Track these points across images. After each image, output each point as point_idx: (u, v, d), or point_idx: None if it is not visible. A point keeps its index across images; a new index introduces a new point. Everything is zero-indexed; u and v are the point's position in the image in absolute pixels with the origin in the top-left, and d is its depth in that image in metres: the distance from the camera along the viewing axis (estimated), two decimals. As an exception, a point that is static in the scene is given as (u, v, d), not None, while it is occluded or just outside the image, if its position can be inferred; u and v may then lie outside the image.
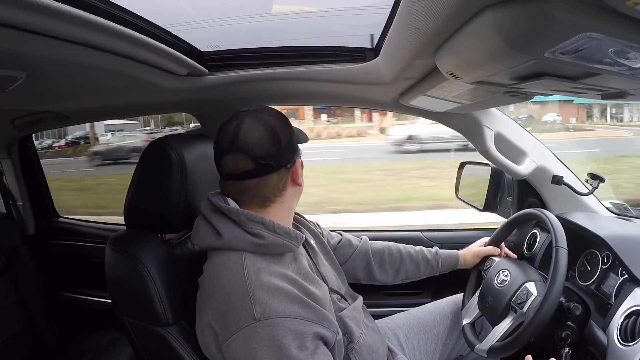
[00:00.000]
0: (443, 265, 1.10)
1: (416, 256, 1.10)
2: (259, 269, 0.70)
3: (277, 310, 0.65)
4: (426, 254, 1.10)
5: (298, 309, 0.67)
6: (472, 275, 1.11)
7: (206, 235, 0.75)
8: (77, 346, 1.46)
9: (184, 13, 0.86)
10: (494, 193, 1.32)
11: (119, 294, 0.83)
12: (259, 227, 0.73)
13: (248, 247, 0.72)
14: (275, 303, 0.66)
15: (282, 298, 0.67)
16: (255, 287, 0.67)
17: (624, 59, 0.43)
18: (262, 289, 0.67)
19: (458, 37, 0.52)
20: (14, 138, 1.58)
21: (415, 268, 1.09)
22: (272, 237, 0.73)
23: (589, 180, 1.16)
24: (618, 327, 0.79)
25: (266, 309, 0.65)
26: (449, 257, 1.11)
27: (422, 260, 1.10)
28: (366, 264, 1.08)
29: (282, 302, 0.67)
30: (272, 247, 0.73)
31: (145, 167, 0.87)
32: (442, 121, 1.26)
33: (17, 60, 0.67)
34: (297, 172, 0.79)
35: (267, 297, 0.66)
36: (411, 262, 1.09)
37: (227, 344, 0.67)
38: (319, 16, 0.96)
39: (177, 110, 1.53)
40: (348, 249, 1.08)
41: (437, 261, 1.10)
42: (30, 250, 1.53)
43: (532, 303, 0.85)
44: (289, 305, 0.67)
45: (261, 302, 0.66)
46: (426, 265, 1.09)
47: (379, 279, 1.10)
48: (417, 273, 1.10)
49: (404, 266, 1.09)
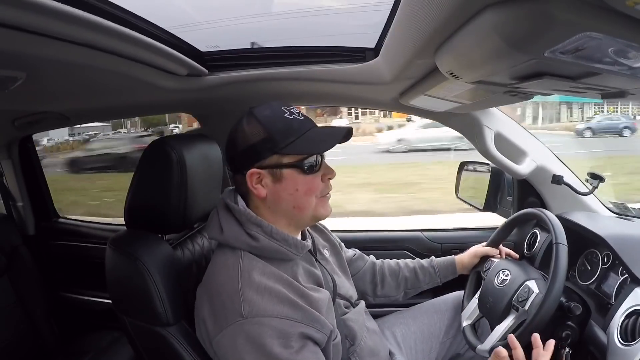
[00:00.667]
0: (441, 271, 1.10)
1: (412, 265, 1.11)
2: (253, 268, 0.71)
3: (265, 309, 0.67)
4: (422, 262, 1.12)
5: (287, 310, 0.68)
6: (471, 277, 1.11)
7: (213, 228, 0.78)
8: (77, 346, 1.46)
9: (184, 13, 0.86)
10: (494, 193, 1.32)
11: (119, 294, 0.83)
12: (256, 230, 0.74)
13: (244, 247, 0.73)
14: (263, 303, 0.67)
15: (272, 298, 0.68)
16: (245, 285, 0.68)
17: (624, 59, 0.43)
18: (252, 288, 0.68)
19: (458, 37, 0.52)
20: (14, 138, 1.58)
21: (414, 276, 1.10)
22: (267, 241, 0.73)
23: (589, 179, 1.16)
24: (618, 327, 0.79)
25: (254, 308, 0.66)
26: (445, 263, 1.11)
27: (419, 268, 1.10)
28: (372, 276, 1.10)
29: (271, 302, 0.67)
30: (265, 251, 0.74)
31: (146, 168, 0.87)
32: (442, 121, 1.26)
33: (17, 60, 0.67)
34: (252, 182, 0.75)
35: (256, 296, 0.67)
36: (409, 271, 1.10)
37: (217, 339, 0.68)
38: (319, 16, 0.96)
39: (177, 110, 1.53)
40: (361, 262, 1.11)
41: (433, 267, 1.10)
42: (31, 251, 1.53)
43: (533, 300, 0.85)
44: (277, 306, 0.68)
45: (250, 300, 0.67)
46: (424, 273, 1.10)
47: (381, 292, 1.10)
48: (417, 282, 1.10)
49: (402, 274, 1.10)
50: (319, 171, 0.77)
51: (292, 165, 0.74)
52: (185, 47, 0.95)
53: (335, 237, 1.03)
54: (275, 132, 0.73)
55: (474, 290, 1.08)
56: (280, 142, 0.73)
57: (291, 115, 0.76)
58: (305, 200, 0.76)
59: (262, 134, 0.73)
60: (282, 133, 0.73)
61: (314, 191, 0.76)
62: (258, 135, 0.73)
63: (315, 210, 0.78)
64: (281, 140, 0.73)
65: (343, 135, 0.76)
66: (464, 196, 1.41)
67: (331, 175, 0.79)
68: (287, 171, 0.74)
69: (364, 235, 1.50)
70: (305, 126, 0.76)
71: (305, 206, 0.77)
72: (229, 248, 0.75)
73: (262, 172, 0.74)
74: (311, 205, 0.77)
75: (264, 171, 0.74)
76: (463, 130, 1.23)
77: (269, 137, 0.73)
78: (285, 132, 0.74)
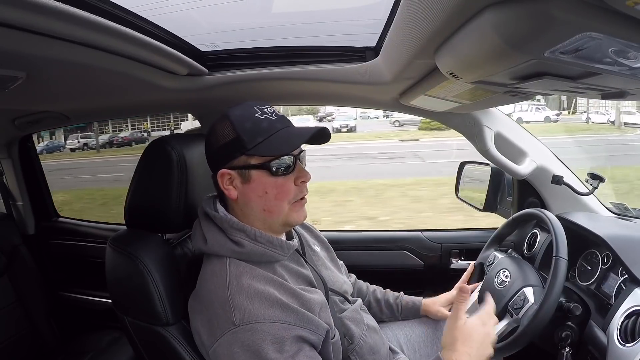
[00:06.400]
0: (404, 311, 1.08)
1: (380, 296, 1.10)
2: (242, 272, 0.71)
3: (257, 315, 0.66)
4: (389, 297, 1.10)
5: (279, 313, 0.67)
6: (476, 269, 1.11)
7: (197, 239, 0.78)
8: (77, 346, 1.46)
9: (184, 13, 0.86)
10: (494, 193, 1.32)
11: (119, 294, 0.83)
12: (240, 235, 0.74)
13: (230, 254, 0.73)
14: (254, 308, 0.66)
15: (262, 302, 0.67)
16: (234, 292, 0.68)
17: (624, 59, 0.43)
18: (241, 294, 0.68)
19: (458, 37, 0.52)
20: (14, 138, 1.58)
21: (376, 306, 1.09)
22: (252, 245, 0.73)
23: (589, 180, 1.16)
24: (618, 327, 0.79)
25: (245, 315, 0.66)
26: (409, 304, 1.09)
27: (384, 301, 1.09)
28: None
29: (262, 307, 0.67)
30: (252, 255, 0.73)
31: (146, 167, 0.87)
32: (442, 121, 1.26)
33: (17, 60, 0.67)
34: (223, 182, 0.74)
35: (246, 302, 0.67)
36: (374, 299, 1.09)
37: (212, 349, 0.68)
38: (319, 16, 0.96)
39: (177, 110, 1.53)
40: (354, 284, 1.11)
41: (397, 305, 1.08)
42: (31, 250, 1.53)
43: (527, 310, 0.84)
44: (269, 310, 0.67)
45: (240, 307, 0.66)
46: (387, 307, 1.08)
47: None
48: (379, 312, 1.09)
49: (368, 298, 1.09)
50: (291, 173, 0.75)
51: (260, 166, 0.72)
52: (185, 46, 0.95)
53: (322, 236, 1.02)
54: (244, 132, 0.72)
55: (476, 282, 1.08)
56: (249, 143, 0.71)
57: (262, 115, 0.74)
58: (275, 204, 0.74)
59: (231, 135, 0.72)
60: (250, 133, 0.72)
61: (285, 195, 0.74)
62: (228, 136, 0.72)
63: (287, 216, 0.76)
64: (249, 141, 0.71)
65: (311, 135, 0.73)
66: (464, 196, 1.41)
67: (305, 178, 0.76)
68: (255, 172, 0.73)
69: (364, 235, 1.50)
70: (275, 126, 0.74)
71: (275, 210, 0.75)
72: (215, 256, 0.75)
73: (232, 173, 0.74)
74: (282, 210, 0.75)
75: (234, 172, 0.73)
76: (463, 130, 1.23)
77: (237, 137, 0.72)
78: (253, 132, 0.72)
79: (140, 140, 13.06)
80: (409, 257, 1.41)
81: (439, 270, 1.40)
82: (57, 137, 13.27)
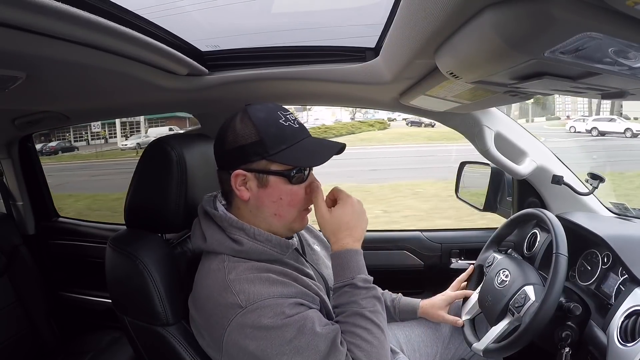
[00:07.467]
0: (401, 313, 1.08)
1: None
2: (239, 265, 0.72)
3: (261, 293, 0.67)
4: (386, 298, 1.09)
5: (281, 289, 0.69)
6: (475, 270, 1.11)
7: (197, 238, 0.78)
8: (77, 346, 1.46)
9: (184, 13, 0.86)
10: (494, 193, 1.32)
11: (119, 294, 0.83)
12: (239, 234, 0.74)
13: (228, 252, 0.74)
14: (257, 289, 0.68)
15: (263, 283, 0.69)
16: (234, 280, 0.69)
17: (624, 59, 0.43)
18: (241, 280, 0.69)
19: (458, 37, 0.52)
20: (14, 138, 1.58)
21: None
22: (251, 243, 0.74)
23: (589, 180, 1.16)
24: (618, 327, 0.79)
25: (250, 295, 0.67)
26: (407, 307, 1.08)
27: None
28: None
29: (264, 286, 0.69)
30: (251, 253, 0.74)
31: (145, 167, 0.87)
32: (442, 121, 1.26)
33: (17, 60, 0.67)
34: (236, 182, 0.73)
35: (247, 285, 0.68)
36: None
37: (224, 339, 0.68)
38: (319, 16, 0.96)
39: (177, 110, 1.53)
40: None
41: (395, 307, 1.08)
42: (31, 250, 1.53)
43: (528, 308, 0.84)
44: (271, 288, 0.69)
45: (243, 291, 0.68)
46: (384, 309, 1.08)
47: None
48: None
49: None
50: (305, 182, 0.76)
51: (280, 174, 0.73)
52: (185, 46, 0.95)
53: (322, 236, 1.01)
54: (268, 138, 0.71)
55: (476, 284, 1.08)
56: (271, 149, 0.71)
57: (286, 121, 0.74)
58: (287, 210, 0.75)
59: (253, 137, 0.72)
60: (274, 139, 0.72)
61: (298, 203, 0.76)
62: (250, 138, 0.72)
63: (293, 222, 0.77)
64: (272, 147, 0.72)
65: (337, 151, 0.75)
66: (464, 196, 1.41)
67: (317, 188, 0.77)
68: (274, 178, 0.73)
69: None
70: (298, 135, 0.74)
71: (285, 215, 0.76)
72: (213, 254, 0.75)
73: (248, 175, 0.73)
74: (292, 216, 0.76)
75: (250, 174, 0.73)
76: (463, 130, 1.23)
77: (260, 141, 0.71)
78: (278, 138, 0.72)
79: (67, 149, 13.80)
80: (409, 257, 1.41)
81: (439, 270, 1.40)
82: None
